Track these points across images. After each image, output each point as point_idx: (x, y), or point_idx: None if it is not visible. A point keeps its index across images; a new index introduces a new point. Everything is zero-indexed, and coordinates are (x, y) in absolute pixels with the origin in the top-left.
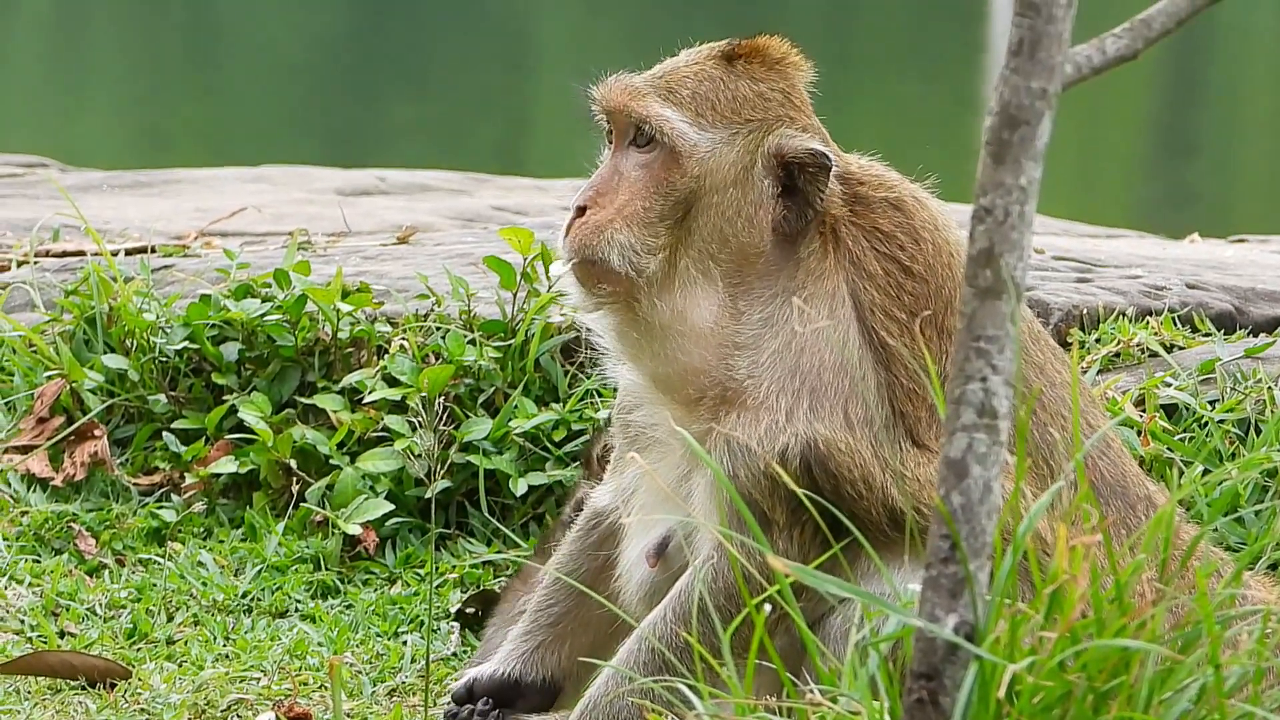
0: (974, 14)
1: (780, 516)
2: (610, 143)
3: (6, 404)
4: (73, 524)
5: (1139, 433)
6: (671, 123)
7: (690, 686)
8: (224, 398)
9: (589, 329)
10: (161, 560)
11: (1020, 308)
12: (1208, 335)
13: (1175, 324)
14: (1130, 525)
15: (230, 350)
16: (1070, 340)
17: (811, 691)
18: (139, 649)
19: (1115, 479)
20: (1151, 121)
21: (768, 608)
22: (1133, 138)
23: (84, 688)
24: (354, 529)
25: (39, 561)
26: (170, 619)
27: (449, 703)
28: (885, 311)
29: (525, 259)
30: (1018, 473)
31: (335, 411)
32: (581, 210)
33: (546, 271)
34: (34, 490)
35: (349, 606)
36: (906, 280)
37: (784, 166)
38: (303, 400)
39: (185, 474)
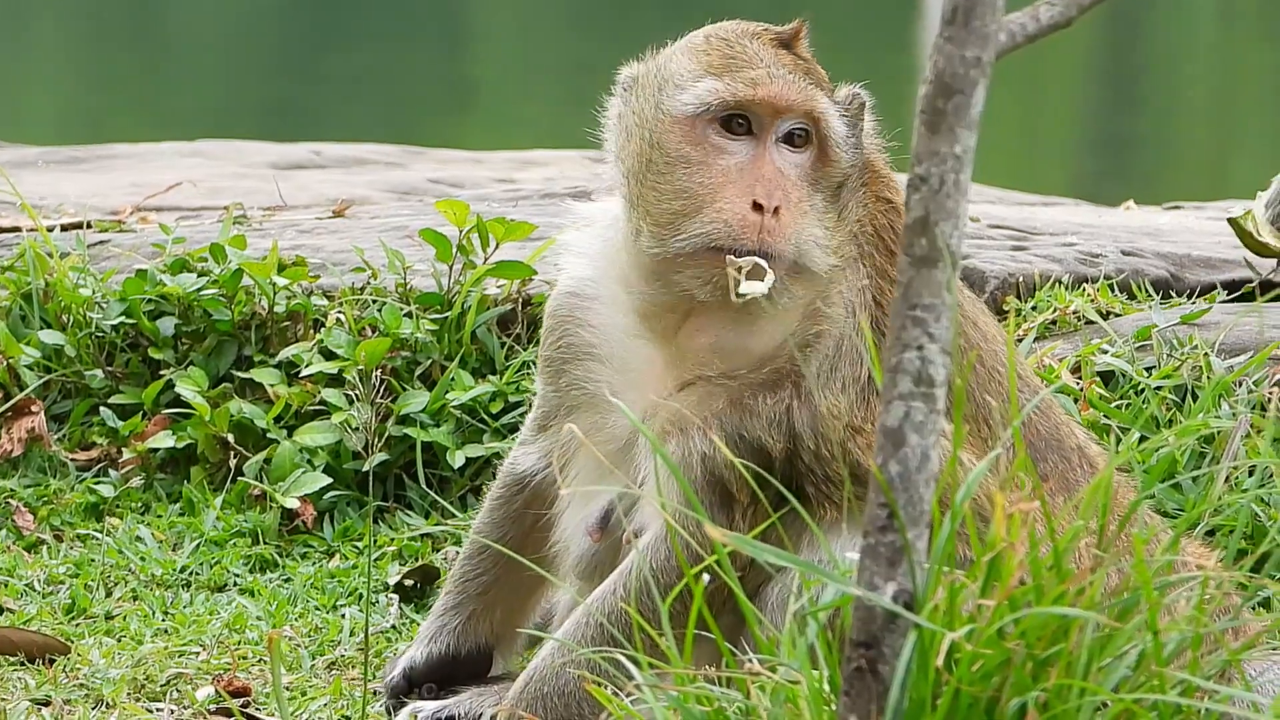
0: None
1: (744, 495)
2: (730, 132)
3: None
4: (10, 500)
5: (1076, 400)
6: (832, 118)
7: (630, 658)
8: (161, 372)
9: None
10: (100, 535)
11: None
12: (1144, 302)
13: (1111, 291)
14: (1068, 480)
15: (167, 325)
16: (1006, 308)
17: (750, 661)
18: (77, 624)
19: (1049, 432)
20: (1087, 89)
21: (705, 578)
22: (1068, 106)
23: (23, 663)
24: (292, 503)
25: None
26: (109, 594)
27: (387, 697)
28: (881, 272)
29: (461, 231)
30: (955, 440)
31: (272, 385)
32: (775, 210)
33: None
34: None
35: (287, 580)
36: (898, 235)
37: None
38: (240, 374)
39: (123, 449)
